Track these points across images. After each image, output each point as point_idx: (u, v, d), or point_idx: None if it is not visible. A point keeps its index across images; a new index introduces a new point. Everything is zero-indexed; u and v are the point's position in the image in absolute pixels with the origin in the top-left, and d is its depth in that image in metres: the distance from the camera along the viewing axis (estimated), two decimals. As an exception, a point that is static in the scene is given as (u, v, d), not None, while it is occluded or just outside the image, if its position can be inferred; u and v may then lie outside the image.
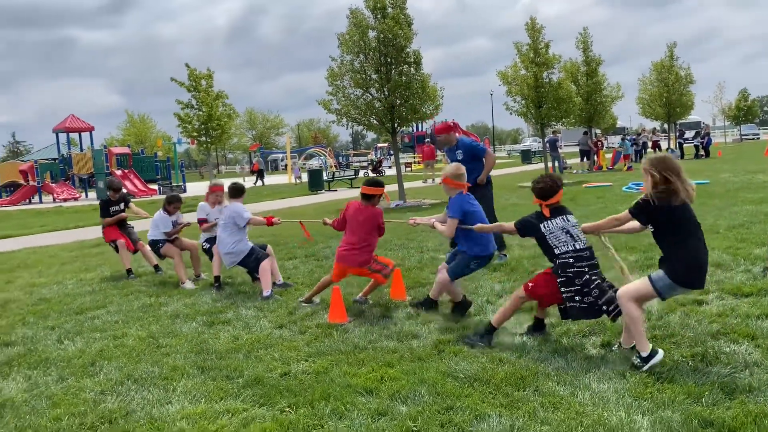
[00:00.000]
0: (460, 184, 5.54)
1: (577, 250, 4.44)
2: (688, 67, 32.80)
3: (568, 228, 4.53)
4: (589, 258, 4.47)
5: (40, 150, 47.73)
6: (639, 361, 4.02)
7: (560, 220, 4.56)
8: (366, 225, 5.94)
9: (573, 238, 4.49)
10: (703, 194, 13.45)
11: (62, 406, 4.01)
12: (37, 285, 8.32)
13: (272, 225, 6.99)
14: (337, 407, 3.71)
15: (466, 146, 7.95)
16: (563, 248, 4.46)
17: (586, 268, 4.40)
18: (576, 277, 4.38)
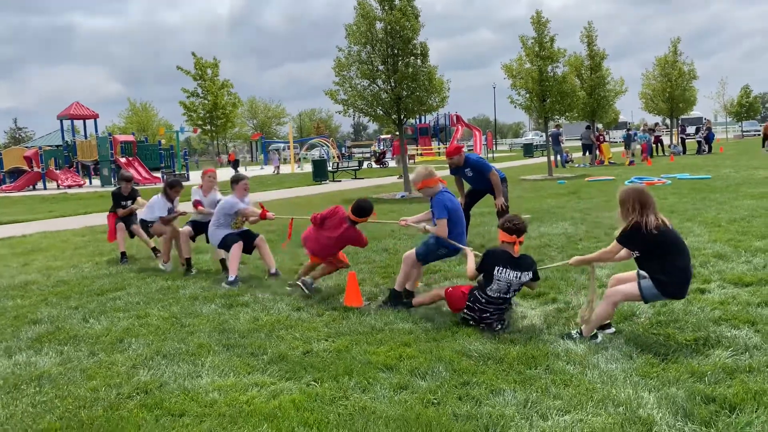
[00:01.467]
0: (435, 180, 5.72)
1: (497, 298, 4.90)
2: (691, 63, 32.92)
3: (511, 284, 4.90)
4: (500, 305, 4.93)
5: (42, 136, 47.83)
6: (577, 335, 4.57)
7: (513, 273, 4.87)
8: (338, 241, 6.18)
9: (507, 292, 4.92)
10: (705, 189, 13.67)
11: (97, 378, 4.23)
12: (54, 268, 8.52)
13: (265, 218, 7.14)
14: (360, 381, 3.93)
15: (474, 165, 8.39)
16: (491, 293, 4.89)
17: (491, 309, 4.89)
18: (479, 311, 4.91)
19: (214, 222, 7.20)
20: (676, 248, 4.38)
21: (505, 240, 4.88)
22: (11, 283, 7.64)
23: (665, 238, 4.33)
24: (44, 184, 30.74)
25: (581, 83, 24.71)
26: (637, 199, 4.35)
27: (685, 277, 4.40)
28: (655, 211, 4.36)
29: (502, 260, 4.87)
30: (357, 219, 6.13)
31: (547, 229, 9.60)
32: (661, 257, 4.35)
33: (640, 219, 4.30)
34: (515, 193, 15.70)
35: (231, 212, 7.10)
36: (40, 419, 3.61)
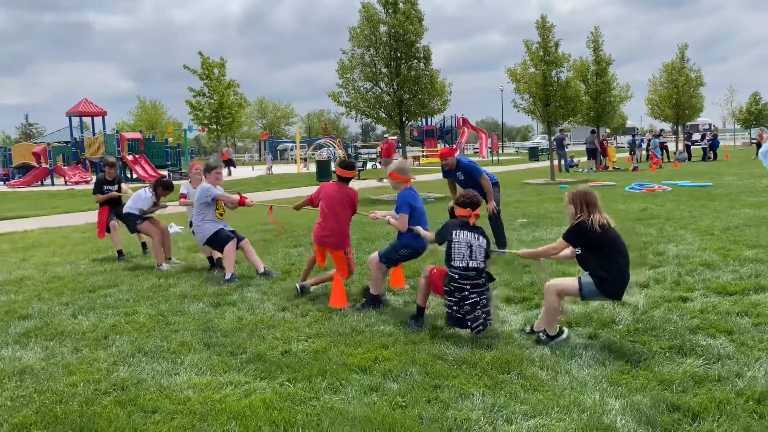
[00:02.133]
0: (405, 178, 5.89)
1: (466, 268, 4.85)
2: (698, 70, 32.83)
3: (472, 244, 4.90)
4: (474, 278, 4.87)
5: (52, 133, 48.24)
6: (545, 337, 4.61)
7: (471, 234, 4.95)
8: (344, 204, 6.16)
9: (470, 255, 4.88)
10: (704, 196, 13.64)
11: (78, 373, 4.31)
12: (51, 264, 8.64)
13: (244, 205, 7.38)
14: (333, 382, 3.99)
15: (465, 168, 8.42)
16: (456, 262, 4.88)
17: (468, 286, 4.84)
18: (456, 291, 4.84)
19: (199, 215, 7.26)
20: (617, 248, 4.56)
21: (462, 214, 5.06)
22: (8, 278, 7.75)
23: (607, 237, 4.53)
24: (52, 180, 31.01)
25: (586, 88, 24.67)
26: (584, 199, 4.59)
27: (621, 278, 4.54)
28: (599, 210, 4.58)
29: (458, 225, 5.03)
30: (344, 173, 6.28)
31: (541, 233, 9.63)
32: (601, 255, 4.54)
33: (586, 217, 4.52)
34: (515, 196, 15.73)
35: (209, 199, 7.20)
36: (16, 413, 3.70)
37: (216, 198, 7.24)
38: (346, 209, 6.18)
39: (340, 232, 6.14)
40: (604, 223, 4.53)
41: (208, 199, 7.20)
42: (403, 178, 5.88)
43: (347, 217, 6.22)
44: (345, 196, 6.19)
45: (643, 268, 6.86)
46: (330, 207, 6.15)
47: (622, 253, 4.58)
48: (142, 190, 8.55)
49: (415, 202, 5.75)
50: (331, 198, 6.18)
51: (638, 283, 6.21)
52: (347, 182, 6.30)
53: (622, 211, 11.81)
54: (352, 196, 6.25)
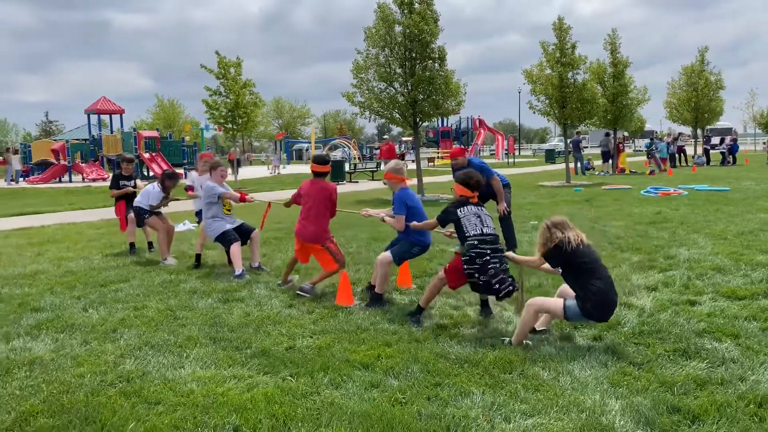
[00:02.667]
0: (400, 178, 6.02)
1: (483, 234, 5.03)
2: (718, 73, 32.40)
3: (480, 214, 5.16)
4: (492, 243, 5.05)
5: (71, 130, 48.92)
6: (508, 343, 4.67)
7: (474, 207, 5.21)
8: (318, 198, 6.31)
9: (482, 223, 5.10)
10: (721, 201, 13.50)
11: (85, 365, 4.39)
12: (65, 259, 8.77)
13: (245, 201, 7.65)
14: (335, 378, 4.03)
15: (476, 168, 8.37)
16: (471, 231, 5.05)
17: (488, 251, 4.98)
18: (477, 257, 4.97)
19: (207, 214, 7.46)
20: (592, 269, 4.52)
21: (463, 194, 5.26)
22: (22, 272, 7.89)
23: (582, 256, 4.53)
24: (70, 176, 31.43)
25: (603, 90, 24.49)
26: (553, 224, 4.65)
27: (602, 299, 4.45)
28: (572, 228, 4.63)
29: (459, 204, 5.22)
30: (319, 168, 6.45)
31: (552, 236, 9.58)
32: (578, 274, 4.54)
33: (562, 236, 4.55)
34: (529, 198, 15.68)
35: (214, 198, 7.38)
36: (24, 401, 3.78)
37: (221, 195, 7.42)
38: (321, 203, 6.32)
39: (317, 227, 6.29)
40: (579, 241, 4.55)
41: (214, 197, 7.37)
42: (398, 178, 6.03)
43: (324, 211, 6.35)
44: (320, 190, 6.36)
45: (652, 271, 6.82)
46: (306, 203, 6.37)
47: (597, 274, 4.51)
48: (151, 185, 8.74)
49: (411, 201, 5.88)
50: (307, 194, 6.40)
51: (646, 286, 6.19)
52: (322, 177, 6.48)
53: (636, 214, 11.73)
54: (329, 189, 6.41)
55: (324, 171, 6.49)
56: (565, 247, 4.52)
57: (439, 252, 8.43)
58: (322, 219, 6.33)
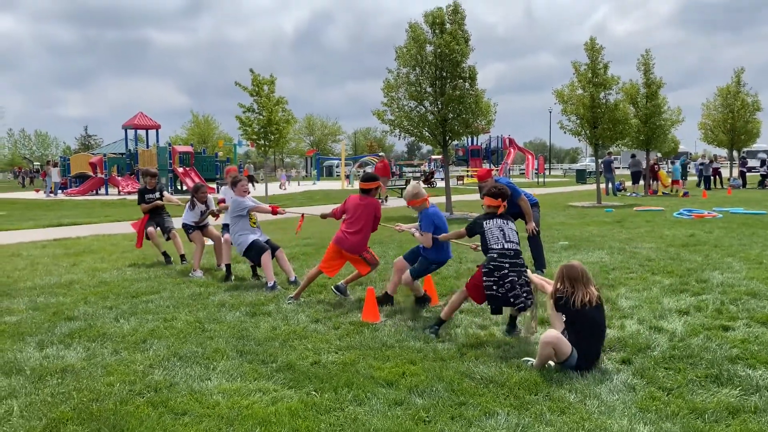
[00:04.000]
0: (422, 200, 6.31)
1: (503, 249, 5.21)
2: (755, 94, 31.79)
3: (504, 228, 5.34)
4: (513, 257, 5.20)
5: (109, 144, 50.11)
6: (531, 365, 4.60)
7: (500, 220, 5.41)
8: (365, 213, 6.65)
9: (504, 237, 5.27)
10: (757, 224, 13.19)
11: (115, 374, 4.47)
12: (99, 269, 8.97)
13: (277, 214, 7.85)
14: (359, 395, 4.03)
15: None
16: (493, 245, 5.27)
17: (507, 265, 5.15)
18: (496, 270, 5.14)
19: (235, 229, 7.61)
20: (591, 330, 4.54)
21: (491, 204, 5.46)
22: (58, 281, 8.09)
23: (585, 318, 4.52)
24: (106, 189, 32.20)
25: (636, 111, 24.23)
26: (567, 274, 4.63)
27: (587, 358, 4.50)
28: (585, 285, 4.58)
29: (486, 216, 5.46)
30: (367, 185, 6.78)
31: (582, 256, 9.47)
32: (574, 332, 4.53)
33: (569, 294, 4.56)
34: (558, 219, 15.52)
35: (243, 212, 7.54)
36: (55, 408, 3.87)
37: (249, 210, 7.57)
38: (368, 218, 6.66)
39: (359, 238, 6.62)
40: (587, 302, 4.52)
41: (243, 212, 7.54)
42: (420, 201, 6.31)
43: (368, 224, 6.69)
44: (367, 205, 6.70)
45: (684, 295, 6.68)
46: (352, 216, 6.67)
47: (596, 336, 4.56)
48: (187, 205, 8.96)
49: (438, 220, 6.23)
50: (354, 207, 6.70)
51: (678, 310, 6.07)
52: (368, 193, 6.78)
53: (668, 236, 11.52)
54: (375, 206, 6.76)
55: (372, 187, 6.82)
56: (568, 304, 4.56)
57: (467, 270, 8.39)
58: (366, 232, 6.68)
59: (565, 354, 4.47)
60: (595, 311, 4.59)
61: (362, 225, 6.62)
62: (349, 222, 6.67)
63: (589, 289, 4.59)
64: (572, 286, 4.59)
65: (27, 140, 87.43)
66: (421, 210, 6.29)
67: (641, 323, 5.64)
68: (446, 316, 5.46)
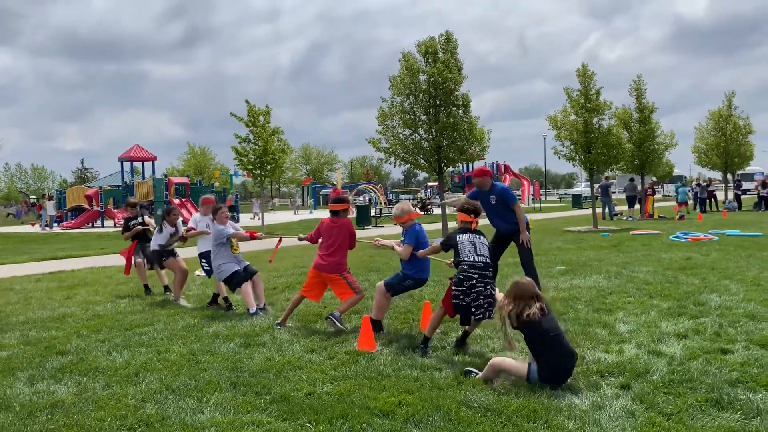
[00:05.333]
0: (409, 217, 6.48)
1: (474, 261, 5.47)
2: (747, 117, 32.09)
3: (475, 242, 5.61)
4: (482, 269, 5.45)
5: (105, 177, 50.17)
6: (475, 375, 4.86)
7: (473, 235, 5.68)
8: (340, 234, 6.80)
9: (475, 251, 5.53)
10: (753, 246, 13.18)
11: (106, 409, 4.39)
12: (93, 302, 8.90)
13: (255, 239, 7.92)
14: (354, 426, 3.96)
15: (500, 192, 8.12)
16: (465, 257, 5.52)
17: (476, 276, 5.39)
18: (465, 280, 5.39)
19: (217, 256, 7.73)
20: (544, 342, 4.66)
21: (464, 219, 5.77)
22: (51, 315, 8.01)
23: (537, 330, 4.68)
24: (102, 222, 32.15)
25: (629, 136, 24.41)
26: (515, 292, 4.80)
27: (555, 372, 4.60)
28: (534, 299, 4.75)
29: (460, 231, 5.73)
30: (335, 207, 6.92)
31: (579, 281, 9.43)
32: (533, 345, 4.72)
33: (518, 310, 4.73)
34: (555, 244, 15.49)
35: (224, 239, 7.67)
36: (44, 445, 3.78)
37: (230, 237, 7.72)
38: (343, 238, 6.81)
39: (336, 259, 6.75)
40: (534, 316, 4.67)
41: (224, 239, 7.67)
42: (406, 218, 6.46)
43: (344, 244, 6.83)
44: (341, 226, 6.85)
45: (682, 318, 6.64)
46: (328, 238, 6.82)
47: (549, 347, 4.64)
48: (157, 228, 9.18)
49: (422, 237, 6.34)
50: (328, 230, 6.85)
51: (676, 334, 6.02)
52: (339, 215, 6.92)
53: (665, 260, 11.50)
54: (348, 225, 6.91)
55: (342, 209, 6.94)
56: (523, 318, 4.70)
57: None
58: (342, 251, 6.82)
59: (520, 372, 4.63)
60: (543, 321, 4.70)
61: (338, 246, 6.77)
62: (325, 245, 6.82)
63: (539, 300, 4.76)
64: (524, 302, 4.73)
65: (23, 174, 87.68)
66: (407, 228, 6.43)
67: (639, 347, 5.59)
68: (430, 334, 5.67)
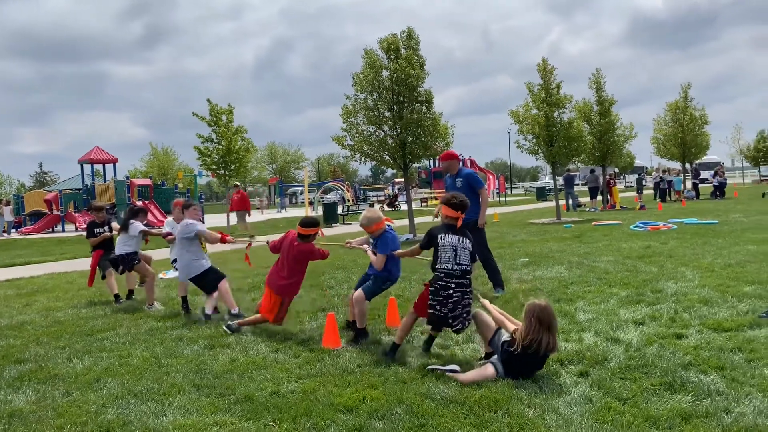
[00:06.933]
0: (378, 226, 6.08)
1: (452, 269, 5.08)
2: (702, 108, 32.99)
3: (457, 247, 5.13)
4: (459, 278, 5.08)
5: (65, 180, 48.99)
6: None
7: (455, 237, 5.17)
8: (295, 261, 6.41)
9: (455, 258, 5.09)
10: (709, 233, 13.59)
11: (66, 416, 4.32)
12: (53, 309, 8.71)
13: (225, 242, 7.66)
14: (318, 422, 3.98)
15: (467, 176, 8.24)
16: (443, 264, 5.10)
17: (453, 285, 5.06)
18: (442, 290, 5.06)
19: (189, 252, 7.45)
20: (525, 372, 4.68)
21: (450, 215, 5.24)
22: (9, 323, 7.82)
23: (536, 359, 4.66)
24: (63, 226, 31.40)
25: (590, 128, 24.88)
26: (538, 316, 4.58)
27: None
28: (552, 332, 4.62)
29: (444, 229, 5.23)
30: (304, 231, 6.43)
31: (541, 272, 9.60)
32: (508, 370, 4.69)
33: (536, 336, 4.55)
34: (520, 236, 15.72)
35: (191, 234, 7.44)
36: (0, 455, 3.71)
37: (197, 233, 7.48)
38: (299, 265, 6.45)
39: (288, 284, 6.41)
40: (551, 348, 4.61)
41: (191, 234, 7.45)
42: (375, 227, 6.12)
43: (298, 272, 6.47)
44: (300, 252, 6.41)
45: (640, 305, 6.82)
46: (286, 258, 6.46)
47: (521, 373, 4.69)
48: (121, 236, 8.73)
49: (393, 244, 6.09)
50: (288, 251, 6.44)
51: (634, 321, 6.18)
52: (306, 239, 6.45)
53: (625, 249, 11.77)
54: (306, 254, 6.42)
55: (310, 234, 6.47)
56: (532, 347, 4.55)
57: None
58: (296, 278, 6.47)
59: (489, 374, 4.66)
60: (542, 358, 4.66)
61: (291, 271, 6.40)
62: (280, 264, 6.50)
63: (554, 334, 4.63)
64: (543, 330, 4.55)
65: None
66: (378, 236, 6.15)
67: (598, 335, 5.73)
68: (400, 340, 5.40)
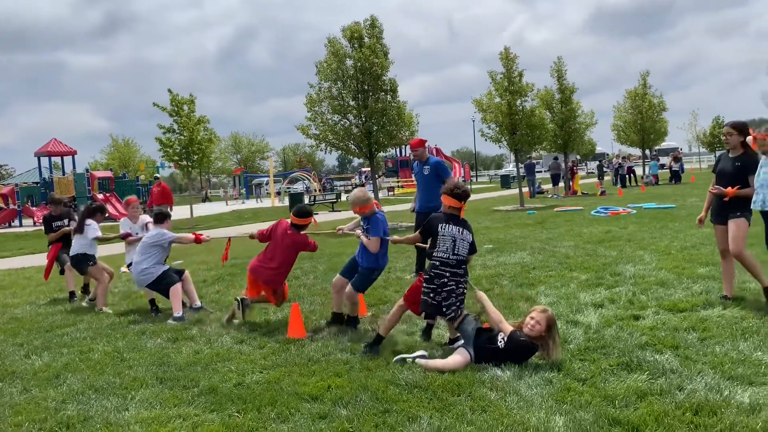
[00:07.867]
0: (370, 205, 5.95)
1: (447, 258, 5.04)
2: (660, 95, 33.79)
3: (456, 239, 5.06)
4: (455, 267, 5.05)
5: (21, 174, 47.54)
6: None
7: (456, 229, 5.10)
8: (288, 251, 6.41)
9: (453, 248, 5.05)
10: (666, 218, 13.95)
11: (24, 413, 4.24)
12: (10, 305, 8.49)
13: (201, 242, 7.36)
14: (282, 412, 3.99)
15: (434, 165, 8.44)
16: (441, 253, 5.06)
17: (448, 273, 5.03)
18: (436, 278, 5.02)
19: (150, 258, 7.04)
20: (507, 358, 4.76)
21: (452, 205, 5.13)
22: (-37, 321, 7.59)
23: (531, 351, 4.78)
24: (20, 221, 30.53)
25: (552, 116, 25.23)
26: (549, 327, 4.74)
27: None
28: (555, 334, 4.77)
29: (446, 219, 5.14)
30: (299, 221, 6.41)
31: (505, 258, 9.73)
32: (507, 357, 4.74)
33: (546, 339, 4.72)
34: (484, 223, 15.89)
35: (165, 243, 7.12)
36: (-45, 455, 3.63)
37: (173, 241, 7.18)
38: (290, 255, 6.45)
39: (277, 274, 6.40)
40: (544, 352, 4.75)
41: (165, 243, 7.11)
42: (369, 206, 5.92)
43: (289, 262, 6.48)
44: (293, 243, 6.40)
45: (599, 289, 6.98)
46: (275, 248, 6.41)
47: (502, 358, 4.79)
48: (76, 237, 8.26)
49: (384, 225, 5.95)
50: (282, 239, 6.40)
51: (593, 303, 6.33)
52: (300, 229, 6.43)
53: (585, 234, 12.01)
54: (299, 244, 6.44)
55: (304, 224, 6.43)
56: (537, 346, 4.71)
57: (395, 279, 8.47)
58: (285, 268, 6.45)
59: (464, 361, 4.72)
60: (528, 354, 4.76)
61: (282, 260, 6.37)
62: (269, 254, 6.41)
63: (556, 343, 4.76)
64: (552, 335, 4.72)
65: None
66: (369, 216, 5.95)
67: (559, 318, 5.81)
68: (385, 333, 5.28)
